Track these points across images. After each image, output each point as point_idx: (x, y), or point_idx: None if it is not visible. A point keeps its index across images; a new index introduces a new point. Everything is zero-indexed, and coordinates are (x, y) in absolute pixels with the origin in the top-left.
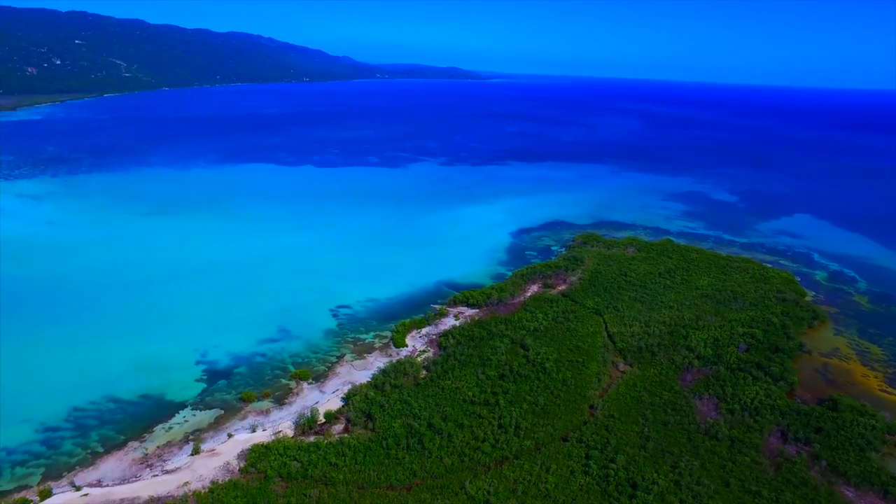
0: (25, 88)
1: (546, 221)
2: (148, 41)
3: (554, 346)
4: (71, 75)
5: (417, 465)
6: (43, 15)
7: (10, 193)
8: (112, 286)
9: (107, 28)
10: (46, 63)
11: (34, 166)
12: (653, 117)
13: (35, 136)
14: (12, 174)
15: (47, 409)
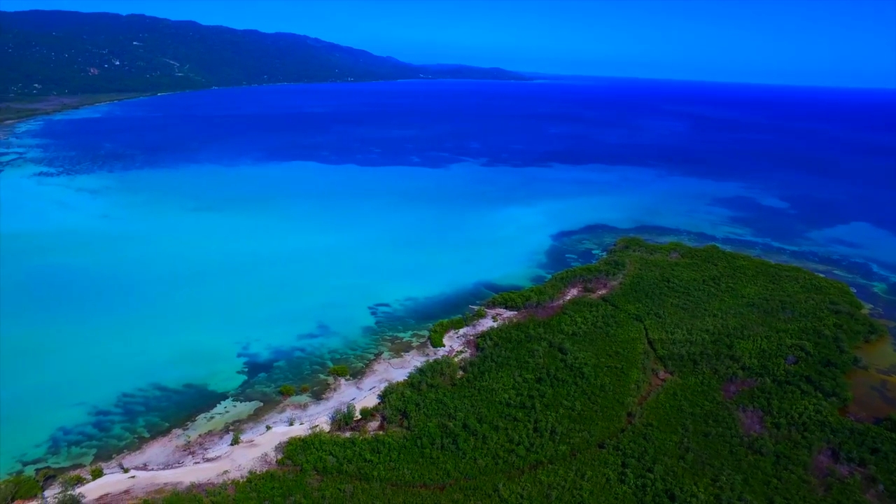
0: (88, 88)
1: (587, 224)
2: (200, 42)
3: (592, 351)
4: (128, 75)
5: (451, 466)
6: (105, 19)
7: (71, 187)
8: (160, 278)
9: (162, 30)
10: (107, 64)
11: (93, 162)
12: (699, 119)
13: (94, 133)
14: (73, 169)
15: (99, 393)
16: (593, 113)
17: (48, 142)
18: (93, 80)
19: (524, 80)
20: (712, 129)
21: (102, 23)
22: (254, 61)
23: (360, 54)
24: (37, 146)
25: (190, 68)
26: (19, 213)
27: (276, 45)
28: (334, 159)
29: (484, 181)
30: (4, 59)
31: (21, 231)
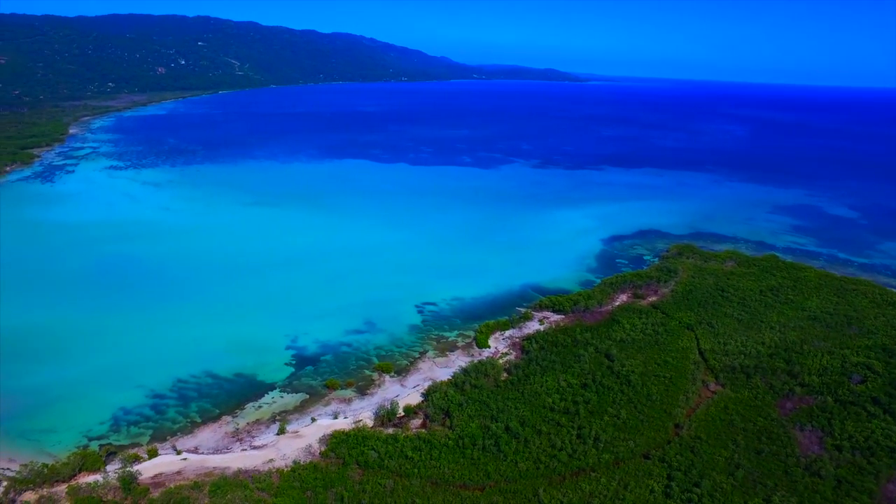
0: (155, 86)
1: (639, 230)
2: (260, 42)
3: (640, 359)
4: (192, 74)
5: (492, 467)
6: (174, 21)
7: (137, 181)
8: (216, 270)
9: (225, 30)
10: (173, 63)
11: (157, 156)
12: (761, 123)
13: (160, 129)
14: (140, 163)
15: (156, 377)
16: (649, 116)
17: (118, 137)
18: (160, 78)
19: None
20: (776, 133)
21: (171, 24)
22: (310, 60)
23: (415, 54)
24: (108, 141)
25: (250, 67)
26: (92, 203)
27: (332, 45)
28: (386, 158)
29: (535, 183)
30: (84, 59)
31: (93, 221)
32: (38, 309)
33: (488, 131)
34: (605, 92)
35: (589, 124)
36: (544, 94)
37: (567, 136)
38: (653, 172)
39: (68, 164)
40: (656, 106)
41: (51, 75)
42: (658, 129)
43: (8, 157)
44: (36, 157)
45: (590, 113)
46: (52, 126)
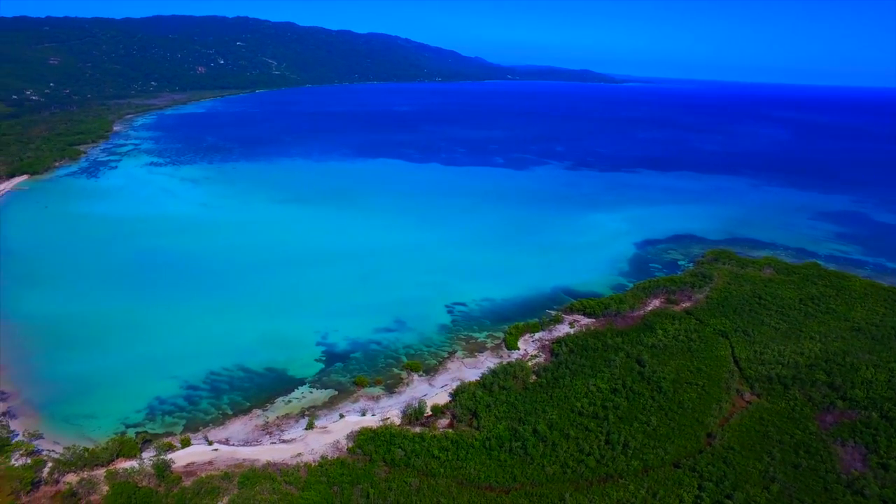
0: (195, 85)
1: (674, 234)
2: (297, 42)
3: (672, 366)
4: (231, 73)
5: (518, 470)
6: (214, 22)
7: (176, 177)
8: (250, 265)
9: (263, 31)
10: (213, 63)
11: (195, 153)
12: (803, 125)
13: (198, 127)
14: (179, 160)
15: (190, 369)
16: (687, 118)
17: (159, 134)
18: (200, 77)
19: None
20: (818, 135)
21: (211, 25)
22: (346, 60)
23: (449, 54)
24: (150, 138)
25: (286, 67)
26: (133, 198)
27: (367, 45)
28: (419, 158)
29: (568, 185)
30: (129, 59)
31: (134, 215)
32: (81, 299)
33: (521, 132)
34: (642, 93)
35: (624, 126)
36: (579, 96)
37: (602, 138)
38: (689, 176)
39: (112, 161)
40: (693, 108)
41: (98, 75)
42: (695, 131)
43: (57, 153)
44: (83, 153)
45: (625, 115)
46: (97, 124)
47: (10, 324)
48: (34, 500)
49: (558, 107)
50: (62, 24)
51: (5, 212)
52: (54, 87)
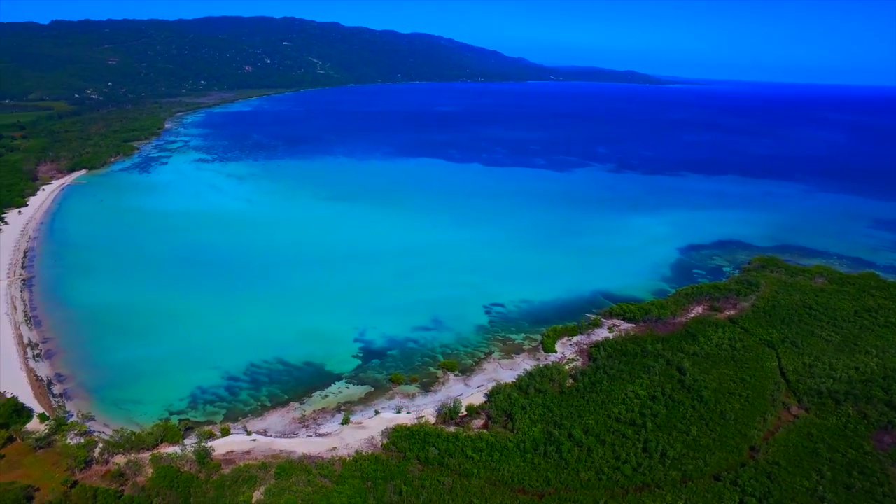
0: (242, 84)
1: (719, 240)
2: (341, 42)
3: (715, 375)
4: (277, 73)
5: (553, 474)
6: (262, 22)
7: (223, 173)
8: (291, 261)
9: (309, 31)
10: (259, 62)
11: (241, 150)
12: (861, 129)
13: (245, 125)
14: (225, 157)
15: (232, 360)
16: (736, 121)
17: (207, 131)
18: (247, 76)
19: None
20: (877, 139)
21: (259, 26)
22: (389, 60)
23: (492, 55)
24: (198, 135)
25: (330, 66)
26: (182, 193)
27: (411, 46)
28: (460, 158)
29: (609, 188)
30: (181, 59)
31: (182, 209)
32: (131, 289)
33: (564, 134)
34: (688, 95)
35: (669, 129)
36: (623, 97)
37: (646, 140)
38: (736, 180)
39: (162, 157)
40: (742, 110)
41: (152, 74)
42: (744, 134)
43: (113, 149)
44: (136, 149)
45: (670, 117)
46: (150, 121)
47: (67, 310)
48: (86, 477)
49: (601, 108)
50: (120, 26)
51: (65, 205)
52: (112, 86)
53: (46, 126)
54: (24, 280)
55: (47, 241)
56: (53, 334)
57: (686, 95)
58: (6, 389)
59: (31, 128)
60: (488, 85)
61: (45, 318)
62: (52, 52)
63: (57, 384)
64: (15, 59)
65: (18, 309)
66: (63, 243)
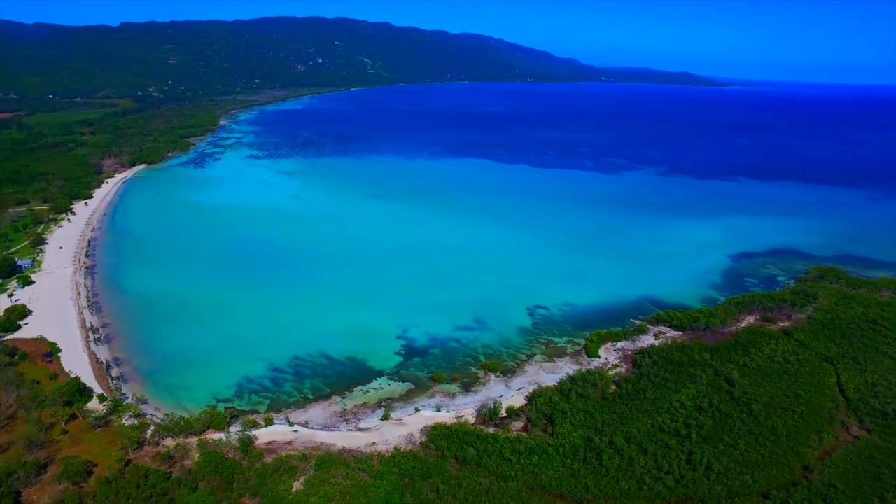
0: (294, 82)
1: (773, 248)
2: (391, 41)
3: (766, 388)
4: (327, 72)
5: (592, 481)
6: (315, 22)
7: (273, 169)
8: (337, 256)
9: (361, 31)
10: (311, 62)
11: (291, 147)
12: None
13: (295, 123)
14: (276, 153)
15: (277, 352)
16: (795, 123)
17: (259, 129)
18: (298, 75)
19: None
20: None
21: (312, 26)
22: (439, 60)
23: (542, 55)
24: (251, 132)
25: (380, 66)
26: (233, 188)
27: (460, 45)
28: (508, 158)
29: (659, 191)
30: (237, 58)
31: (233, 204)
32: (184, 279)
33: (614, 136)
34: (746, 97)
35: (724, 132)
36: (676, 99)
37: (699, 143)
38: (796, 186)
39: (216, 152)
40: (804, 112)
41: (209, 73)
42: (806, 138)
43: (170, 144)
44: (192, 145)
45: (726, 120)
46: (206, 118)
47: (125, 297)
48: (139, 457)
49: (653, 110)
50: (182, 27)
51: (125, 197)
52: (172, 84)
53: (112, 122)
54: (88, 268)
55: (109, 232)
56: (112, 319)
57: (743, 98)
58: (71, 369)
59: (99, 124)
60: (538, 86)
61: (105, 304)
62: (119, 52)
63: (114, 367)
64: (87, 60)
65: (82, 295)
66: (123, 234)
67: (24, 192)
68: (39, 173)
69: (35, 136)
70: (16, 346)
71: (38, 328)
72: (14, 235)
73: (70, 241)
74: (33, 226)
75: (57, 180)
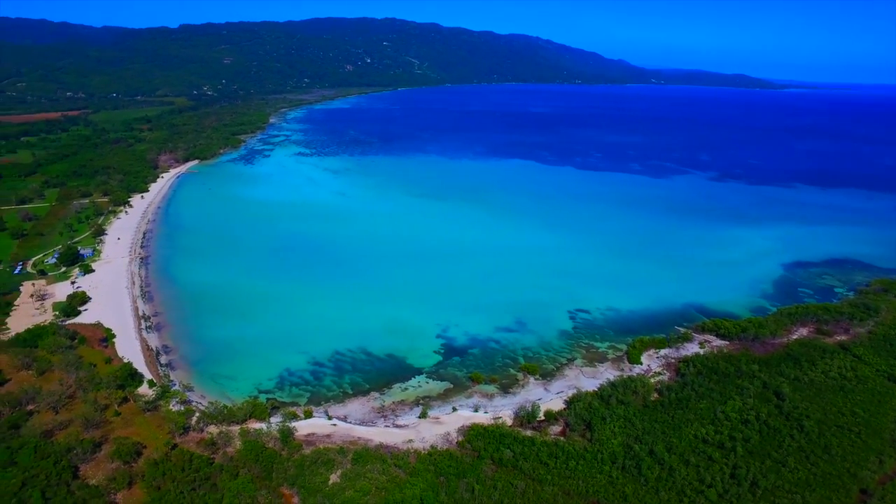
0: (343, 82)
1: (831, 257)
2: (439, 42)
3: (819, 405)
4: (375, 71)
5: (630, 490)
6: (364, 23)
7: (320, 167)
8: (379, 254)
9: (409, 31)
10: (360, 62)
11: (338, 146)
12: None
13: (343, 121)
14: (323, 151)
15: (318, 346)
16: (861, 128)
17: (308, 127)
18: (347, 75)
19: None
20: None
21: (361, 26)
22: (486, 61)
23: (591, 57)
24: (299, 130)
25: (428, 66)
26: (281, 184)
27: (508, 46)
28: (553, 160)
29: (710, 196)
30: (288, 58)
31: (281, 200)
32: (231, 272)
33: (663, 139)
34: (807, 100)
35: (782, 136)
36: (730, 102)
37: (753, 148)
38: (859, 194)
39: (266, 150)
40: (872, 116)
41: (261, 72)
42: (873, 143)
43: (222, 141)
44: (242, 142)
45: (784, 124)
46: (257, 116)
47: (175, 287)
48: (184, 441)
49: (706, 113)
50: (236, 27)
51: (179, 191)
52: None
53: (168, 120)
54: (142, 258)
55: (162, 224)
56: (163, 308)
57: (804, 101)
58: (124, 355)
59: (156, 121)
60: (586, 87)
61: (156, 293)
62: (178, 53)
63: (163, 354)
64: (148, 60)
65: (136, 284)
66: (175, 226)
67: (88, 185)
68: (101, 167)
69: (99, 132)
70: (76, 331)
71: (95, 314)
72: (78, 226)
73: (127, 232)
74: (95, 217)
75: (117, 174)
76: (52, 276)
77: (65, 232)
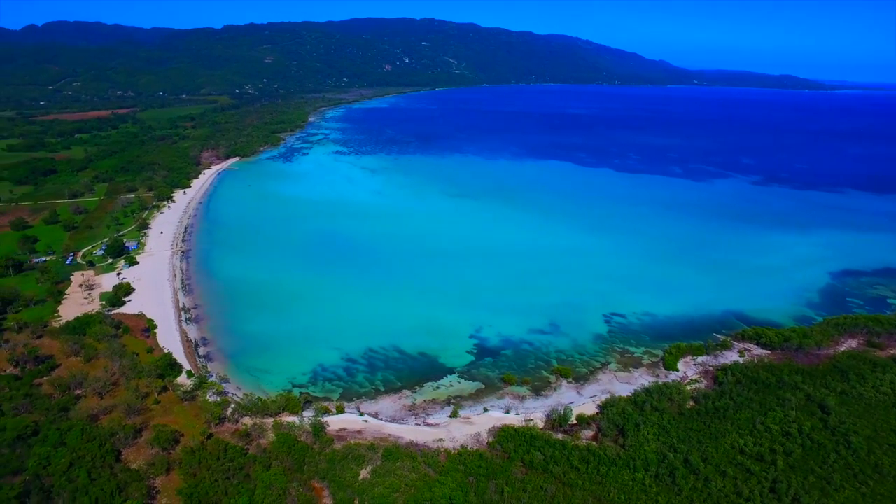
0: (381, 81)
1: (884, 266)
2: (478, 42)
3: (869, 420)
4: (413, 71)
5: (663, 499)
6: (403, 24)
7: (357, 166)
8: (415, 253)
9: (447, 31)
10: (398, 62)
11: (375, 145)
12: None
13: (380, 121)
14: (361, 150)
15: (351, 343)
16: None
17: (346, 126)
18: (385, 74)
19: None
20: None
21: (400, 27)
22: (524, 61)
23: (631, 57)
24: (338, 129)
25: (466, 66)
26: (319, 182)
27: (547, 47)
28: (591, 162)
29: (753, 201)
30: (327, 58)
31: (318, 198)
32: (268, 267)
33: (704, 142)
34: (859, 102)
35: (831, 140)
36: (776, 104)
37: (800, 151)
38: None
39: (304, 148)
40: None
41: (301, 72)
42: None
43: (263, 139)
44: (282, 140)
45: (834, 127)
46: (296, 115)
47: (214, 281)
48: (220, 431)
49: (750, 116)
50: (278, 28)
51: (219, 187)
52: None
53: (211, 118)
54: (183, 252)
55: (203, 219)
56: (202, 301)
57: (857, 102)
58: (164, 345)
59: (199, 119)
60: (626, 88)
61: (196, 286)
62: (221, 53)
63: (202, 346)
64: (193, 60)
65: (177, 277)
66: (215, 221)
67: (134, 181)
68: (147, 163)
69: (146, 129)
70: (121, 321)
71: (139, 305)
72: (124, 220)
73: (169, 226)
74: (139, 211)
75: (161, 170)
76: (100, 266)
77: (112, 225)
